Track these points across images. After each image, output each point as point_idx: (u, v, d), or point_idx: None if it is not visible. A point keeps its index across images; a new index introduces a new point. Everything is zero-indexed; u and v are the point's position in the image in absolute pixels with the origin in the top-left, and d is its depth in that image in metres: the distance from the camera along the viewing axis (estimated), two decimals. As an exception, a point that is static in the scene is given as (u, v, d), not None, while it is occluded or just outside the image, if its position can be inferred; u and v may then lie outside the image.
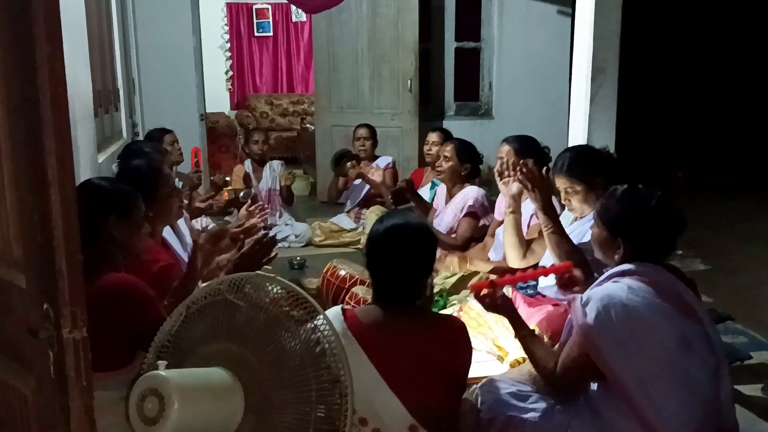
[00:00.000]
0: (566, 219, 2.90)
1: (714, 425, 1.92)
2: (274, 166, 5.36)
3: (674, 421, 1.83)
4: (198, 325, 1.61)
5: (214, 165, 6.88)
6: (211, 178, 5.06)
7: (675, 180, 7.30)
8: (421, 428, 1.80)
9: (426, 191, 4.67)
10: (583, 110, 3.72)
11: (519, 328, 2.16)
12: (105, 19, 4.50)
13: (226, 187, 4.81)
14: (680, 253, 4.71)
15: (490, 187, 4.06)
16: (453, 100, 6.91)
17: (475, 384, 2.31)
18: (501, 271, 3.21)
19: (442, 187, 4.31)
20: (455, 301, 3.08)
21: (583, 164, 2.73)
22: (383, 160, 5.44)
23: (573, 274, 2.32)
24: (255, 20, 9.57)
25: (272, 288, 1.65)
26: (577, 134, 3.84)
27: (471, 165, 4.03)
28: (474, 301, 2.79)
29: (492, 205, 3.86)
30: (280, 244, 5.04)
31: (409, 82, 6.18)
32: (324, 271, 3.51)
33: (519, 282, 2.41)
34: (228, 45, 9.40)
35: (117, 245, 2.00)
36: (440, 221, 4.07)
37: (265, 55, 9.76)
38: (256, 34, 9.64)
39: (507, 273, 3.16)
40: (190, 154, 4.74)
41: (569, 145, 3.94)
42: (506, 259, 3.19)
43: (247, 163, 5.37)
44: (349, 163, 5.18)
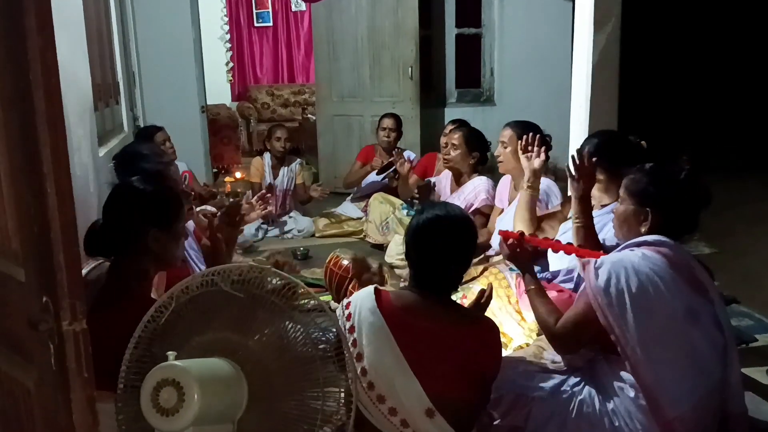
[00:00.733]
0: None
1: (718, 404, 1.93)
2: (293, 167, 5.24)
3: (674, 387, 1.85)
4: (190, 315, 1.60)
5: (216, 157, 6.87)
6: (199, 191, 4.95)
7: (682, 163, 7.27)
8: (437, 413, 1.82)
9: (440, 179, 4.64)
10: (585, 95, 3.69)
11: (529, 282, 2.22)
12: (103, 13, 4.49)
13: (216, 199, 4.71)
14: (692, 236, 4.69)
15: (492, 174, 4.05)
16: (454, 87, 6.88)
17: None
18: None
19: (445, 174, 4.29)
20: (459, 289, 3.08)
21: (609, 153, 2.62)
22: (408, 154, 5.22)
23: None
24: (254, 10, 9.53)
25: (271, 279, 1.65)
26: (578, 119, 3.81)
27: (479, 154, 4.02)
28: (478, 288, 2.79)
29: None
30: (283, 236, 5.07)
31: (410, 69, 6.15)
32: (327, 261, 3.52)
33: (547, 247, 2.33)
34: (228, 36, 9.36)
35: (152, 256, 1.91)
36: None
37: (265, 46, 9.73)
38: (256, 24, 9.60)
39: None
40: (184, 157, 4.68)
41: (571, 130, 3.92)
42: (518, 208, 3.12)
43: (267, 157, 5.23)
44: (392, 173, 5.04)
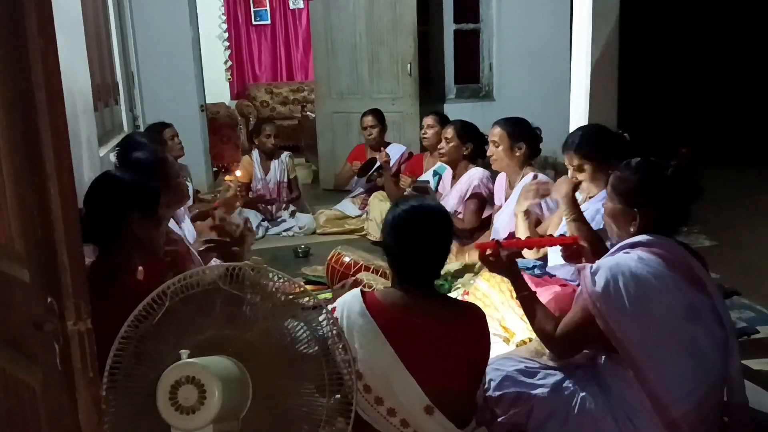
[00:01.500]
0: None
1: (720, 398, 1.93)
2: (283, 158, 5.28)
3: (678, 387, 1.84)
4: (185, 313, 1.59)
5: (216, 156, 6.87)
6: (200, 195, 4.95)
7: (679, 156, 7.26)
8: (436, 410, 1.82)
9: (429, 177, 4.65)
10: (584, 88, 3.69)
11: (520, 288, 2.16)
12: (102, 13, 4.49)
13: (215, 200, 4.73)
14: (685, 229, 4.69)
15: (492, 172, 4.04)
16: (453, 83, 6.87)
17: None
18: None
19: (448, 172, 4.30)
20: (459, 285, 3.09)
21: (593, 142, 2.71)
22: (396, 149, 5.33)
23: (579, 245, 2.33)
24: (252, 9, 9.51)
25: (272, 277, 1.66)
26: (578, 112, 3.82)
27: (473, 144, 4.02)
28: (480, 282, 2.80)
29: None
30: (284, 234, 5.07)
31: (408, 66, 6.15)
32: (328, 258, 3.53)
33: (524, 247, 2.35)
34: (226, 35, 9.35)
35: (136, 242, 1.96)
36: (445, 203, 4.06)
37: (264, 44, 9.72)
38: (254, 22, 9.59)
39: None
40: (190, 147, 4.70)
41: (571, 124, 3.93)
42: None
43: (255, 154, 5.27)
44: (375, 173, 5.11)
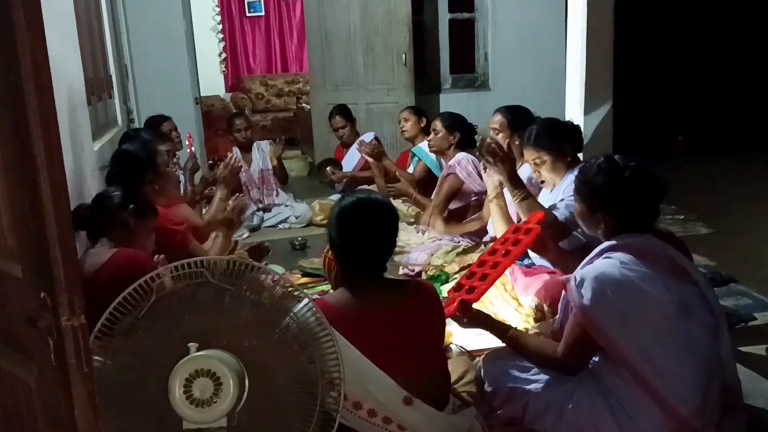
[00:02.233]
0: (542, 197, 2.96)
1: (720, 383, 1.93)
2: (263, 147, 5.30)
3: (682, 386, 1.84)
4: (171, 309, 1.59)
5: (211, 149, 6.84)
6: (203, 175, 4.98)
7: (675, 144, 7.27)
8: (415, 399, 1.82)
9: (411, 170, 4.78)
10: (579, 77, 3.69)
11: (501, 333, 2.18)
12: (94, 6, 4.45)
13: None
14: (682, 217, 4.71)
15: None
16: (449, 73, 6.85)
17: (478, 356, 2.33)
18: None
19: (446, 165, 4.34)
20: (456, 276, 3.09)
21: (548, 134, 2.85)
22: (366, 137, 5.36)
23: (543, 242, 2.39)
24: (246, 0, 9.46)
25: (264, 274, 1.66)
26: (574, 101, 3.81)
27: (460, 132, 4.06)
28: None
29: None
30: (280, 226, 5.07)
31: (403, 56, 6.13)
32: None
33: (485, 292, 2.30)
34: (220, 27, 9.30)
35: (131, 234, 2.29)
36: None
37: (258, 36, 9.67)
38: (248, 14, 9.54)
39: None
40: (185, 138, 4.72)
41: (567, 113, 3.93)
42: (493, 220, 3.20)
43: (236, 150, 5.22)
44: (328, 169, 5.19)
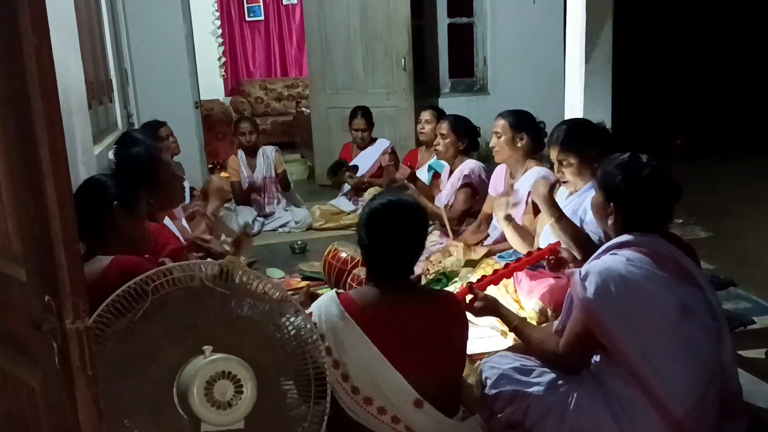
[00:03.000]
0: (561, 196, 2.92)
1: (718, 388, 1.94)
2: (268, 153, 5.27)
3: (678, 387, 1.84)
4: (165, 312, 1.60)
5: (211, 153, 6.85)
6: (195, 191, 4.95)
7: (674, 146, 7.28)
8: (425, 402, 1.82)
9: (423, 173, 4.65)
10: (579, 80, 3.69)
11: (509, 321, 2.21)
12: (94, 10, 4.46)
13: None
14: (680, 221, 4.71)
15: (488, 163, 4.05)
16: (448, 77, 6.87)
17: (479, 360, 2.33)
18: (498, 251, 3.28)
19: (447, 168, 4.30)
20: (457, 279, 3.09)
21: (577, 137, 2.75)
22: (381, 143, 5.37)
23: (560, 256, 2.36)
24: (246, 4, 9.48)
25: (249, 277, 1.68)
26: (573, 104, 3.82)
27: (468, 138, 4.04)
28: (476, 278, 2.81)
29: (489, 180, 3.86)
30: (280, 230, 5.07)
31: (402, 60, 6.14)
32: (325, 254, 3.52)
33: (500, 281, 2.40)
34: (219, 31, 9.32)
35: (120, 233, 2.05)
36: (441, 197, 4.08)
37: (258, 40, 9.69)
38: (248, 18, 9.56)
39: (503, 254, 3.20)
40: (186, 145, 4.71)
41: (566, 116, 3.93)
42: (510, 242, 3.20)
43: (240, 153, 5.26)
44: (347, 174, 5.16)
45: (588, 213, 2.61)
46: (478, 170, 3.94)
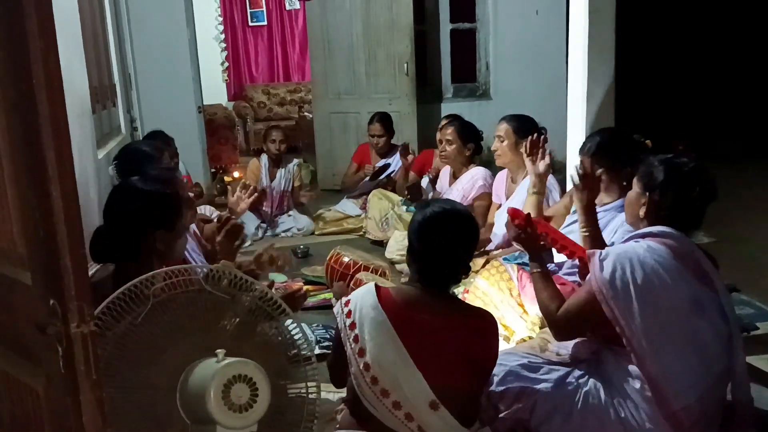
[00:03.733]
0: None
1: (722, 394, 1.93)
2: (290, 167, 5.23)
3: (679, 379, 1.85)
4: (166, 317, 1.60)
5: (213, 157, 6.86)
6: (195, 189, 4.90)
7: (676, 151, 7.28)
8: (441, 406, 1.84)
9: (424, 181, 4.67)
10: (581, 86, 3.69)
11: (535, 265, 2.20)
12: (98, 15, 4.48)
13: (202, 197, 4.68)
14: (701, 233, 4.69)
15: (489, 167, 4.06)
16: (450, 82, 6.88)
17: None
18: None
19: (445, 170, 4.29)
20: (460, 284, 3.08)
21: (611, 151, 2.61)
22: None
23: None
24: (249, 10, 9.51)
25: (240, 281, 1.68)
26: (575, 110, 3.81)
27: (474, 144, 4.04)
28: (479, 281, 2.80)
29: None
30: (283, 234, 5.06)
31: (405, 65, 6.16)
32: (328, 258, 3.53)
33: (549, 235, 2.31)
34: (222, 36, 9.35)
35: (159, 257, 1.94)
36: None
37: (260, 45, 9.71)
38: (250, 23, 9.59)
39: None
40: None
41: (568, 123, 3.92)
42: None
43: (264, 158, 5.23)
44: (385, 179, 5.08)
45: (610, 235, 2.54)
46: (489, 178, 3.94)
